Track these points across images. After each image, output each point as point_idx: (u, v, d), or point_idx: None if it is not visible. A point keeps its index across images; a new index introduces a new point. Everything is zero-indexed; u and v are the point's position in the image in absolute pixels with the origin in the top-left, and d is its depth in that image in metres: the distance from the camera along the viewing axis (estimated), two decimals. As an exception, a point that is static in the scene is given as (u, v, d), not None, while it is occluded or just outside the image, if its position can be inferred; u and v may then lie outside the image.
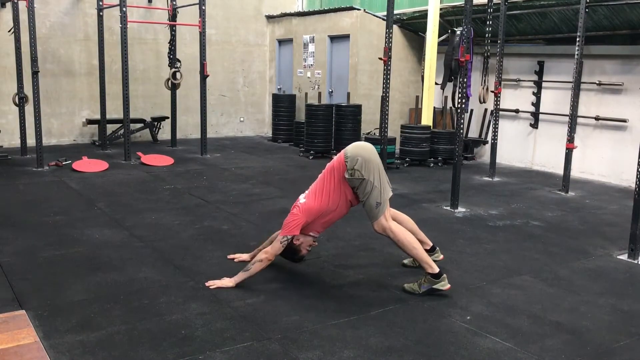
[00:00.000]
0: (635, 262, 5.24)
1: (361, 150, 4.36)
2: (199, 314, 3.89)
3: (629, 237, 5.35)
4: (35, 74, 8.79)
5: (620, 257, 5.38)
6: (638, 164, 5.22)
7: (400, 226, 4.40)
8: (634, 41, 8.61)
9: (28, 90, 9.35)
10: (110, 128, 11.41)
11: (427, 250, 4.70)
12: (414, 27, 11.61)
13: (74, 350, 3.37)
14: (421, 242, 4.71)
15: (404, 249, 4.35)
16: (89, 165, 9.05)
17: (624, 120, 8.68)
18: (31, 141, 9.47)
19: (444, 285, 4.26)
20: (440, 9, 10.29)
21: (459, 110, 7.11)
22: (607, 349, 3.59)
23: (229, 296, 4.19)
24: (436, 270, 4.28)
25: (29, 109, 9.37)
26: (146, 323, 3.75)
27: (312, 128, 10.77)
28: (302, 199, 4.50)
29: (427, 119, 10.48)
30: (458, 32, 9.15)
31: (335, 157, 4.48)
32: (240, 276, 4.34)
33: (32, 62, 8.80)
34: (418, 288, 4.31)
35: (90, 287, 4.33)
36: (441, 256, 4.93)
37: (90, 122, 11.44)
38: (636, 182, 5.26)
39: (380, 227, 4.31)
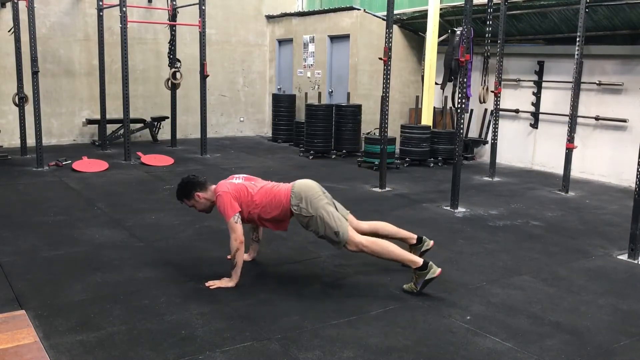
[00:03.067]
0: (636, 262, 5.24)
1: (304, 188, 4.43)
2: (199, 314, 3.89)
3: (629, 237, 5.34)
4: (35, 73, 8.80)
5: (620, 257, 5.38)
6: (638, 164, 5.22)
7: (371, 238, 4.40)
8: (634, 41, 8.61)
9: (28, 90, 9.35)
10: (110, 128, 11.41)
11: (414, 244, 4.76)
12: (414, 27, 11.61)
13: (74, 350, 3.37)
14: (405, 238, 4.76)
15: (383, 257, 4.37)
16: (89, 165, 9.05)
17: (624, 120, 8.68)
18: (31, 141, 9.47)
19: (434, 272, 4.26)
20: (440, 9, 10.28)
21: (459, 110, 7.11)
22: (607, 349, 3.58)
23: (229, 296, 4.19)
24: (420, 262, 4.29)
25: (29, 108, 9.38)
26: (146, 323, 3.75)
27: (312, 128, 10.77)
28: (237, 179, 4.55)
29: (427, 119, 10.48)
30: (458, 32, 9.15)
31: (284, 186, 4.52)
32: (235, 273, 4.34)
33: (32, 62, 8.80)
34: (415, 286, 4.32)
35: (90, 287, 4.33)
36: (431, 242, 4.88)
37: (90, 122, 11.44)
38: (636, 182, 5.26)
39: (353, 246, 4.31)
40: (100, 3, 10.52)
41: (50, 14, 11.17)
